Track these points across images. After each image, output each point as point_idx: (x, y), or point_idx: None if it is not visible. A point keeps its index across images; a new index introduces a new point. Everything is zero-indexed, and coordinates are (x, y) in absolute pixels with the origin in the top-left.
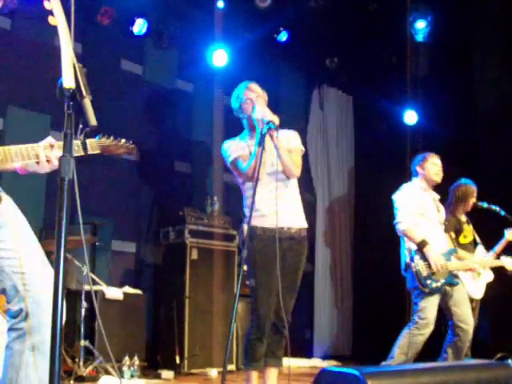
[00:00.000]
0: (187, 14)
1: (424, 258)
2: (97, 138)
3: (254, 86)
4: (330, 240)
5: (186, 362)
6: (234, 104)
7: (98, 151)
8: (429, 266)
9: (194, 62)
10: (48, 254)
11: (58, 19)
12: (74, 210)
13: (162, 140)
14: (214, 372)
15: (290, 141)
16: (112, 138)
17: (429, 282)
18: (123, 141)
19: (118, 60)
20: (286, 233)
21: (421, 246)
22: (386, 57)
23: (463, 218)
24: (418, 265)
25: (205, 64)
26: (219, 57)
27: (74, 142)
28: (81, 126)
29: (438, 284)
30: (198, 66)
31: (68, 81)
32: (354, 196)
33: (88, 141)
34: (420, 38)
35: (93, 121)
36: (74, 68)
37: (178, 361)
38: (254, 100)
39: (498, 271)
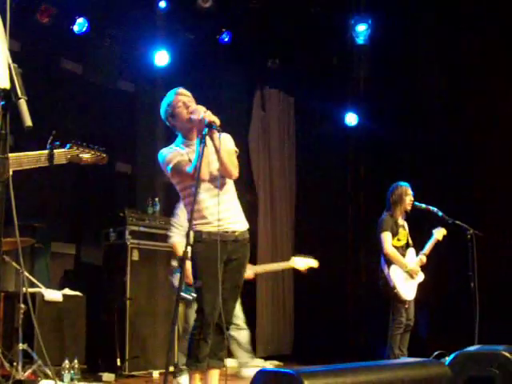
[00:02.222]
0: (129, 14)
1: None
2: (67, 146)
3: (184, 91)
4: (272, 240)
5: (127, 364)
6: (165, 112)
7: (64, 161)
8: None
9: (136, 61)
10: None
11: None
12: (10, 212)
13: (103, 140)
14: (155, 374)
15: (225, 143)
16: (83, 147)
17: None
18: (94, 150)
19: (58, 59)
20: (231, 236)
21: None
22: (327, 59)
23: (400, 221)
24: None
25: (146, 64)
26: (161, 57)
27: (39, 152)
28: (51, 138)
29: None
30: (139, 66)
31: (2, 81)
32: (295, 196)
33: (55, 151)
34: (361, 40)
35: (28, 121)
36: (9, 68)
37: (118, 363)
38: (188, 103)
39: (436, 270)
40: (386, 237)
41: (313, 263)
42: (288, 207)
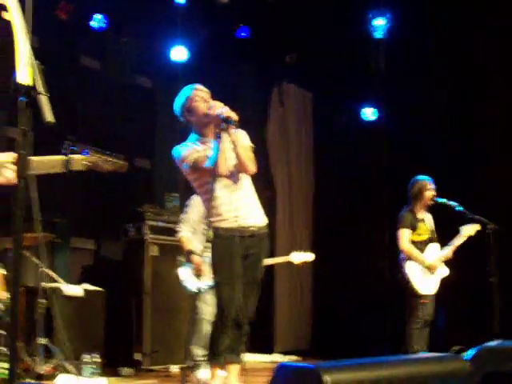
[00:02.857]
0: (147, 9)
1: None
2: (85, 153)
3: (202, 87)
4: (291, 235)
5: (146, 358)
6: (181, 106)
7: (81, 168)
8: None
9: (154, 57)
10: (2, 251)
11: (14, 14)
12: (30, 208)
13: (121, 136)
14: (174, 368)
15: (241, 138)
16: (102, 155)
17: None
18: (114, 158)
19: (76, 55)
20: (248, 231)
21: None
22: (345, 53)
23: (420, 216)
24: None
25: (164, 59)
26: (179, 52)
27: (56, 158)
28: (67, 143)
29: None
30: (157, 61)
31: (24, 77)
32: (314, 191)
33: (73, 157)
34: (379, 34)
35: (49, 117)
36: (32, 64)
37: (138, 357)
38: (206, 98)
39: (455, 265)
40: (403, 233)
41: (309, 257)
42: (306, 202)
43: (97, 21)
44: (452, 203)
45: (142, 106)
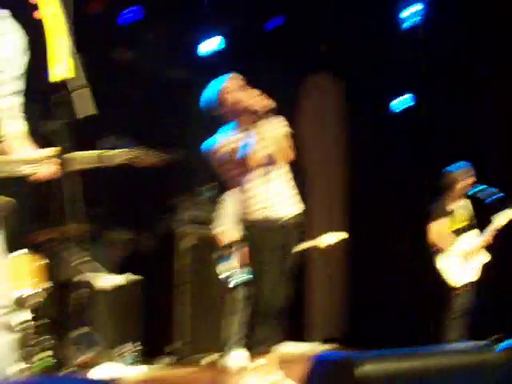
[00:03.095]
0: (179, 1)
1: None
2: (126, 147)
3: (236, 75)
4: (325, 224)
5: (184, 347)
6: (214, 97)
7: (123, 163)
8: None
9: (187, 49)
10: (41, 243)
11: (52, 10)
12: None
13: (155, 128)
14: (210, 358)
15: (277, 128)
16: (142, 148)
17: None
18: (154, 152)
19: (108, 48)
20: (281, 221)
21: None
22: (378, 42)
23: (453, 206)
24: None
25: (197, 51)
26: (211, 43)
27: (97, 152)
28: (107, 137)
29: None
30: (190, 53)
31: (60, 72)
32: (347, 178)
33: (115, 152)
34: (412, 23)
35: (92, 110)
36: (73, 57)
37: (176, 347)
38: (241, 87)
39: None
40: (432, 225)
41: (341, 236)
42: (340, 189)
43: (129, 13)
44: (487, 192)
45: (176, 98)
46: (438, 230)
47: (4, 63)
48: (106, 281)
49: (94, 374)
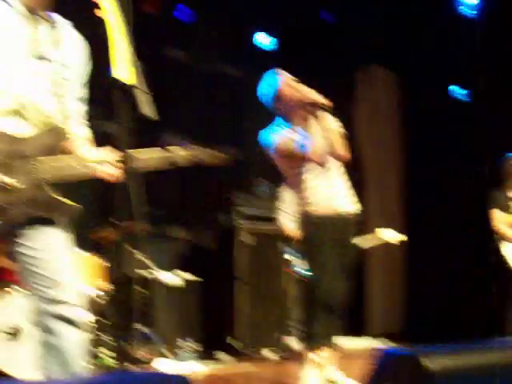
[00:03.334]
0: None
1: None
2: (187, 147)
3: (286, 73)
4: (382, 219)
5: (242, 344)
6: (270, 93)
7: (185, 163)
8: None
9: (240, 45)
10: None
11: (112, 13)
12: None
13: (210, 126)
14: (271, 354)
15: (332, 124)
16: (203, 147)
17: None
18: (217, 152)
19: (162, 47)
20: (339, 217)
21: None
22: (433, 33)
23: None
24: None
25: (250, 47)
26: (264, 40)
27: (160, 153)
28: (167, 138)
29: None
30: (243, 49)
31: (121, 73)
32: (405, 173)
33: (178, 152)
34: (470, 13)
35: (151, 113)
36: (134, 64)
37: (233, 343)
38: (294, 84)
39: None
40: (493, 214)
41: (398, 237)
42: (398, 184)
43: (182, 11)
44: None
45: (230, 94)
46: (499, 217)
47: (70, 71)
48: (167, 278)
49: (154, 370)
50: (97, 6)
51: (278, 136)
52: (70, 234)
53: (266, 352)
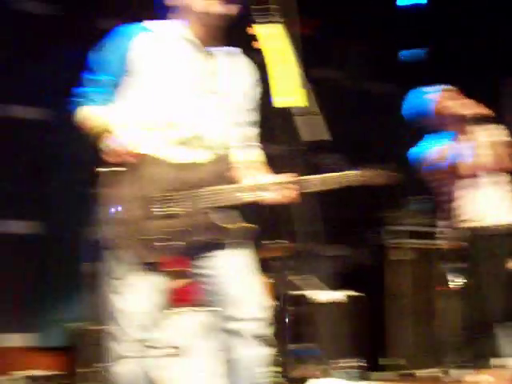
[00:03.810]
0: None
1: None
2: (357, 168)
3: (447, 88)
4: None
5: (406, 362)
6: (421, 107)
7: (356, 184)
8: None
9: (387, 61)
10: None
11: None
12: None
13: (368, 144)
14: (434, 371)
15: (494, 133)
16: (371, 167)
17: None
18: (383, 170)
19: (310, 67)
20: (492, 230)
21: None
22: None
23: None
24: None
25: (397, 62)
26: (412, 54)
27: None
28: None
29: None
30: (391, 64)
31: (293, 100)
32: None
33: (350, 174)
34: None
35: (324, 136)
36: (305, 87)
37: (397, 361)
38: (453, 97)
39: None
40: None
41: None
42: None
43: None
44: None
45: (383, 112)
46: None
47: (241, 96)
48: (326, 296)
49: None
50: (254, 38)
51: (430, 149)
52: (250, 254)
53: (427, 371)
